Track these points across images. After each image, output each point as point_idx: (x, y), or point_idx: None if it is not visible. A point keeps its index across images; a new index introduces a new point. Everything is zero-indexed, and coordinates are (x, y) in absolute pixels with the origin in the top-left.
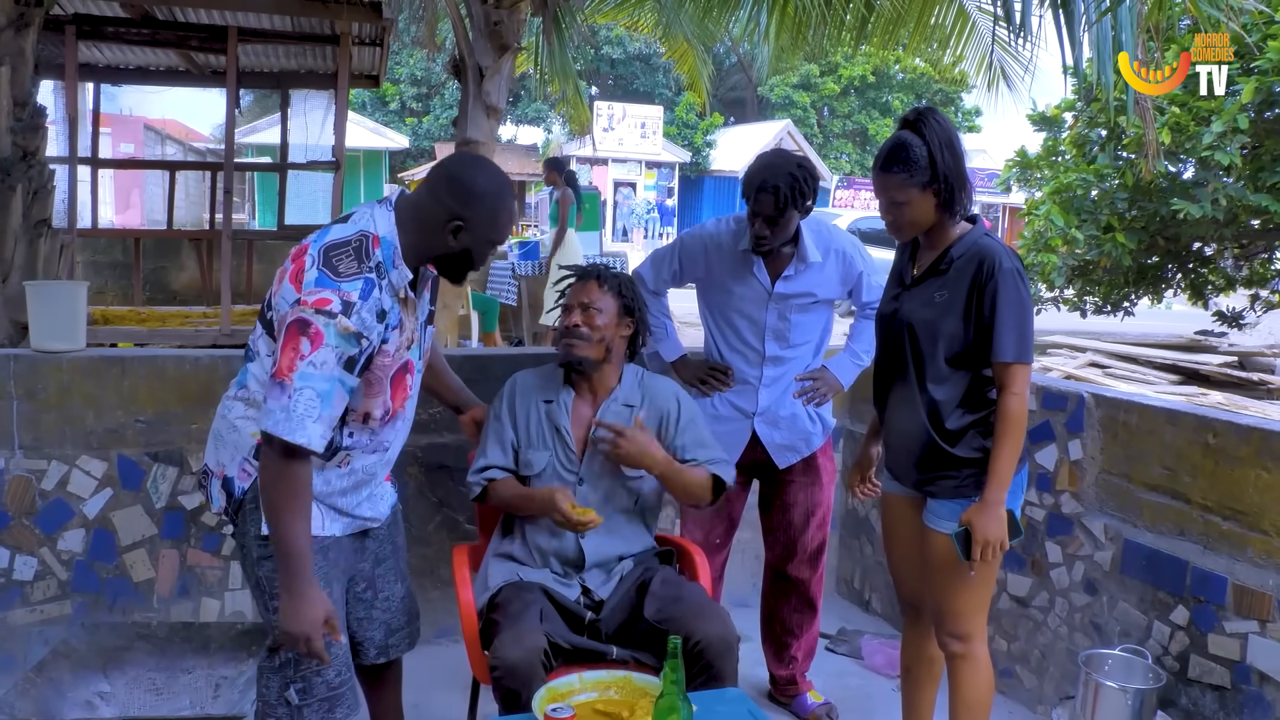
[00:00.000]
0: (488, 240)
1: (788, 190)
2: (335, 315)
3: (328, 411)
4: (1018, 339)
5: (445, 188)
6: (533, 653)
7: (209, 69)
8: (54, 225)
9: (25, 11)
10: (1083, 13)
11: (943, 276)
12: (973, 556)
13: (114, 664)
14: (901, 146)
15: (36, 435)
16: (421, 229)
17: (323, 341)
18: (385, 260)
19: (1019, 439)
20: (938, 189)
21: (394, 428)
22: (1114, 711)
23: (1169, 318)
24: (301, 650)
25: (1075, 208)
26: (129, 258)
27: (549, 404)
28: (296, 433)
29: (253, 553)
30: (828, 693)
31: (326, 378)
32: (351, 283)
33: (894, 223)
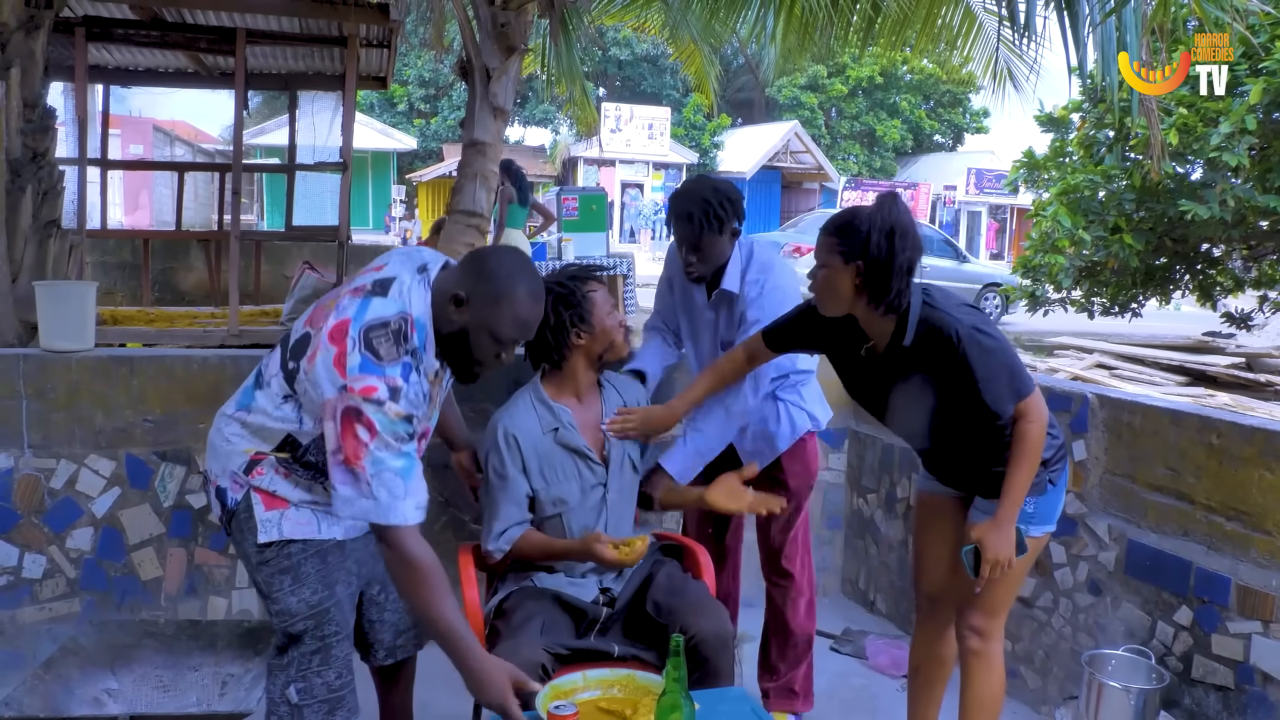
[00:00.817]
0: (487, 328)
1: (701, 216)
2: (384, 403)
3: (412, 484)
4: (1010, 382)
5: (469, 264)
6: (530, 667)
7: (217, 71)
8: (63, 226)
9: (35, 14)
10: (1087, 14)
11: (909, 359)
12: (981, 574)
13: (121, 661)
14: (849, 214)
15: (45, 434)
16: (438, 300)
17: (377, 431)
18: (420, 345)
19: (1035, 462)
20: (859, 268)
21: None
22: (1118, 711)
23: (1177, 319)
24: (503, 714)
25: (1083, 209)
26: (138, 258)
27: (555, 432)
28: (392, 516)
29: (251, 559)
30: (832, 693)
31: (397, 454)
32: (394, 367)
33: (813, 286)
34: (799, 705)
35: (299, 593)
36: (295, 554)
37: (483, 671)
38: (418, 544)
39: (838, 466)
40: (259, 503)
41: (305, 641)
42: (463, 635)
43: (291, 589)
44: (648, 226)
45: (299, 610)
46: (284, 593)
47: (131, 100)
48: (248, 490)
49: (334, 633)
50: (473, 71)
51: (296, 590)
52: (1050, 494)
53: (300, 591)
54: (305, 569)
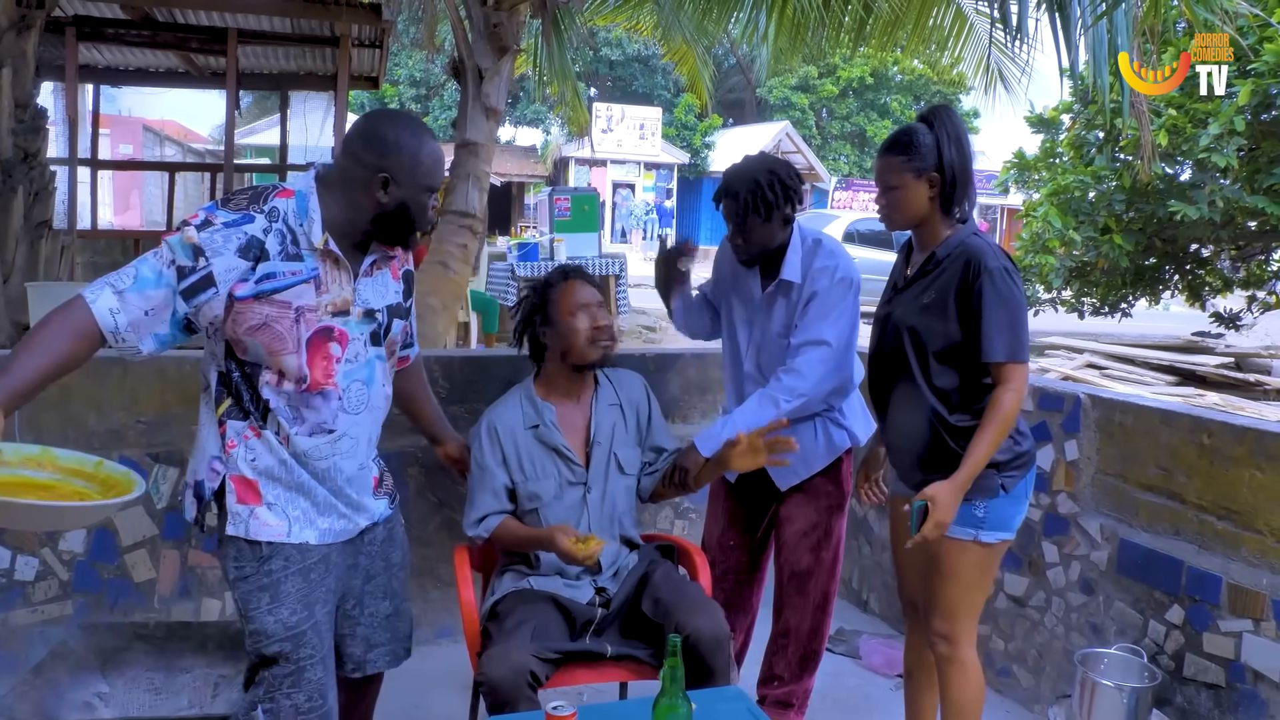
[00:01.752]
0: (421, 186)
1: (747, 196)
2: (186, 227)
3: (134, 295)
4: (1010, 338)
5: (361, 145)
6: (518, 673)
7: (209, 70)
8: (54, 226)
9: (27, 14)
10: (1079, 16)
11: (930, 276)
12: (923, 532)
13: (112, 665)
14: (907, 132)
15: (38, 436)
16: (348, 194)
17: (163, 244)
18: (298, 210)
19: (1003, 430)
20: (934, 179)
21: (328, 405)
22: (1110, 710)
23: (1167, 319)
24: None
25: (1073, 209)
26: (128, 259)
27: (535, 429)
28: (90, 288)
29: (229, 574)
30: (825, 692)
31: (155, 269)
32: (226, 212)
33: (885, 208)
34: (792, 716)
35: (276, 613)
36: (276, 571)
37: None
38: (71, 320)
39: None
40: (232, 491)
41: (278, 664)
42: (9, 374)
43: (269, 608)
44: (639, 227)
45: (275, 631)
46: (260, 612)
47: (121, 100)
48: (224, 478)
49: (308, 656)
50: (465, 72)
51: (274, 610)
52: (1002, 500)
53: (278, 611)
54: (285, 587)
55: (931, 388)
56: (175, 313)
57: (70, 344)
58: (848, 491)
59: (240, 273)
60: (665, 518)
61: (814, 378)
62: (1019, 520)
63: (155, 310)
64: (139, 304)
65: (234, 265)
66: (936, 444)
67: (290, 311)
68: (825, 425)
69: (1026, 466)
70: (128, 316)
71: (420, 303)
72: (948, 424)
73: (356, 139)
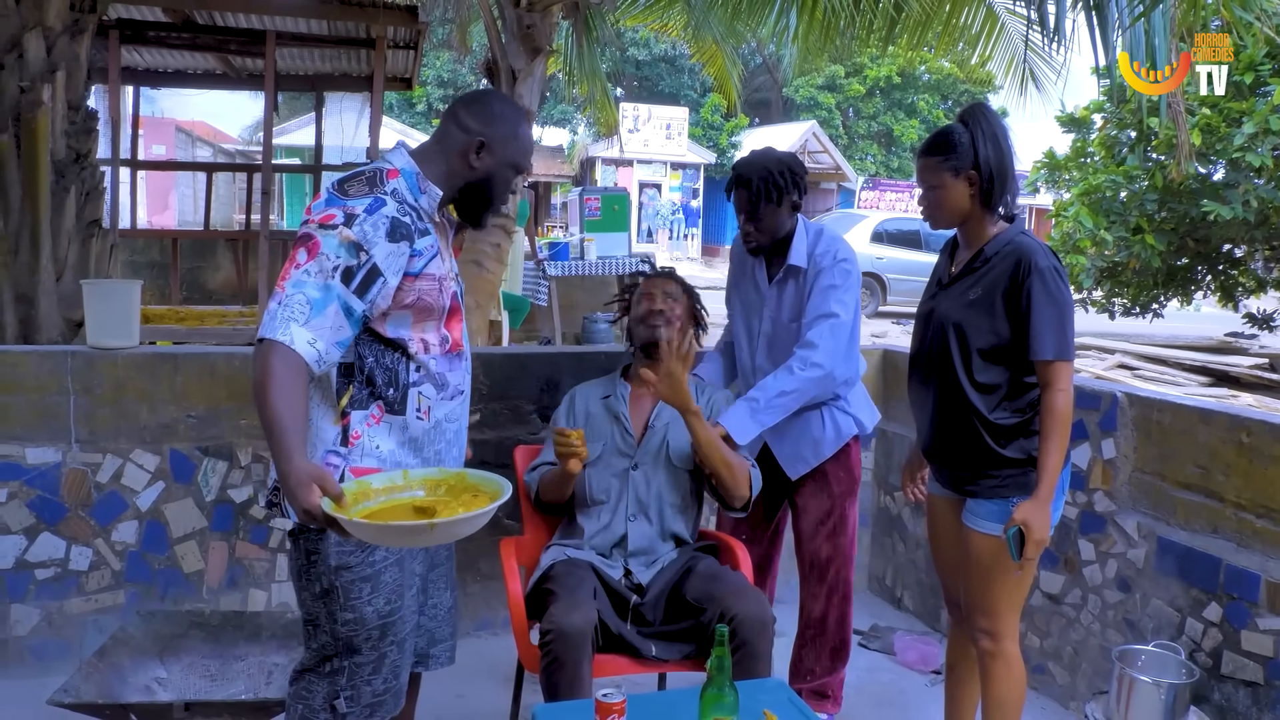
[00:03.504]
0: (510, 163)
1: (760, 183)
2: (336, 226)
3: (316, 319)
4: (1058, 336)
5: (465, 112)
6: (588, 622)
7: (245, 72)
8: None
9: (80, 18)
10: (1116, 18)
11: (977, 274)
12: (1027, 555)
13: (170, 651)
14: (944, 133)
15: (92, 429)
16: (445, 157)
17: (319, 250)
18: (411, 188)
19: (1065, 435)
20: (973, 177)
21: (459, 367)
22: (1148, 706)
23: (1199, 320)
24: (311, 520)
25: (1104, 209)
26: (166, 258)
27: (606, 398)
28: (278, 330)
29: (330, 560)
30: (861, 688)
31: (320, 286)
32: (358, 200)
33: (928, 208)
34: (829, 707)
35: (374, 602)
36: (379, 561)
37: (289, 470)
38: (286, 363)
39: (865, 465)
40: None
41: (363, 652)
42: (288, 434)
43: (369, 598)
44: (665, 226)
45: (371, 619)
46: (362, 601)
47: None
48: (344, 470)
49: (391, 642)
50: (498, 73)
51: (373, 600)
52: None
53: (375, 601)
54: (385, 577)
55: (974, 384)
56: (353, 313)
57: (305, 386)
58: (858, 477)
59: (398, 256)
60: None
61: (827, 347)
62: (1056, 517)
63: (337, 322)
64: (325, 324)
65: (390, 250)
66: (975, 441)
67: (437, 283)
68: (832, 413)
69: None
70: (324, 340)
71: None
72: (987, 421)
73: (462, 106)
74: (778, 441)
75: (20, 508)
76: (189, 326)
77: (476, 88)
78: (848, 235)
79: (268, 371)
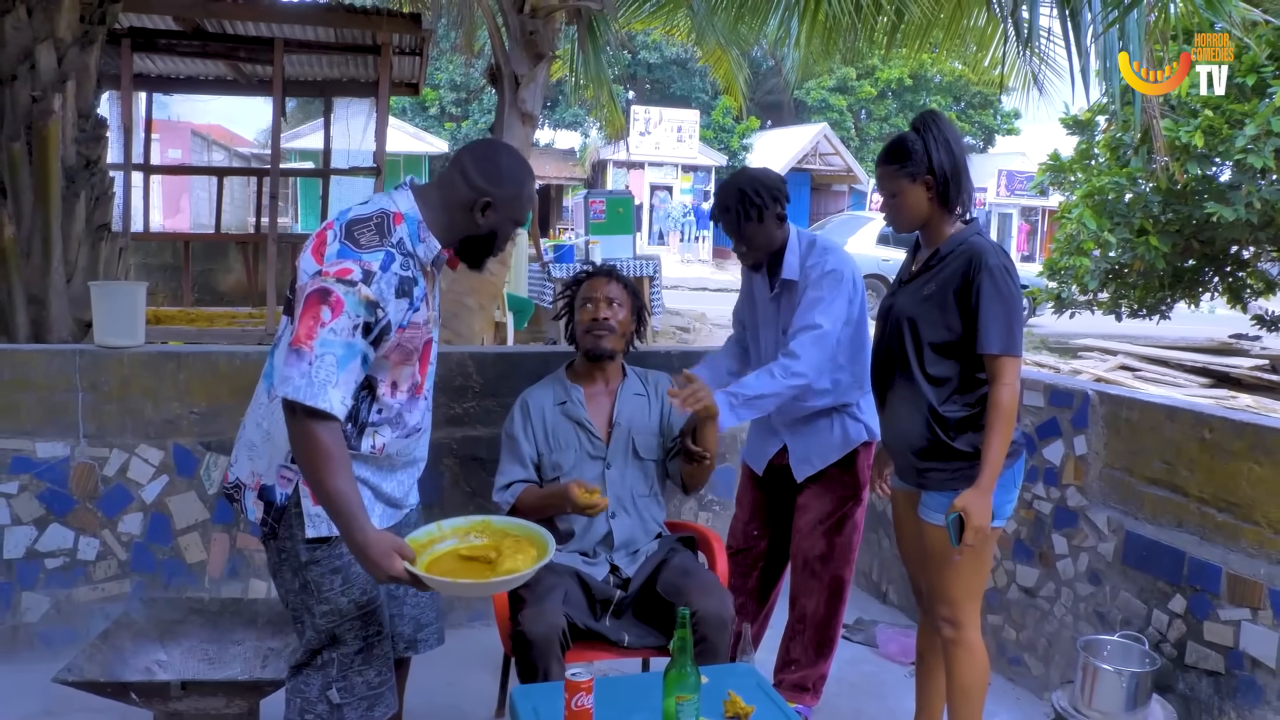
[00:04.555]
0: (512, 220)
1: (737, 206)
2: (356, 284)
3: (344, 377)
4: (1004, 332)
5: (474, 168)
6: (553, 629)
7: (255, 78)
8: (112, 229)
9: (90, 29)
10: (1089, 22)
11: (933, 271)
12: (965, 540)
13: (170, 635)
14: (898, 141)
15: (99, 425)
16: (448, 210)
17: (343, 309)
18: (410, 235)
19: (1009, 427)
20: (930, 182)
21: (418, 407)
22: (1110, 694)
23: (1210, 322)
24: (395, 582)
25: (1108, 211)
26: (178, 260)
27: (562, 405)
28: (319, 398)
29: (299, 556)
30: (842, 678)
31: (345, 345)
32: (373, 254)
33: (890, 213)
34: (808, 699)
35: (349, 592)
36: (346, 554)
37: (366, 543)
38: (329, 432)
39: None
40: (307, 496)
41: (347, 642)
42: (353, 508)
43: (342, 589)
44: (676, 229)
45: (348, 610)
46: (335, 593)
47: (170, 106)
48: (296, 484)
49: (376, 632)
50: (502, 78)
51: (347, 590)
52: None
53: (350, 591)
54: (354, 569)
55: (926, 376)
56: (367, 361)
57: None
58: (864, 483)
59: (401, 311)
60: (690, 510)
61: (808, 358)
62: (1009, 508)
63: (357, 375)
64: (350, 379)
65: (399, 307)
66: (929, 435)
67: (421, 329)
68: (842, 419)
69: (1014, 457)
70: (349, 394)
71: (458, 302)
72: (937, 413)
73: (471, 161)
74: (791, 443)
75: (31, 500)
76: (199, 327)
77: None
78: (854, 238)
79: (320, 450)
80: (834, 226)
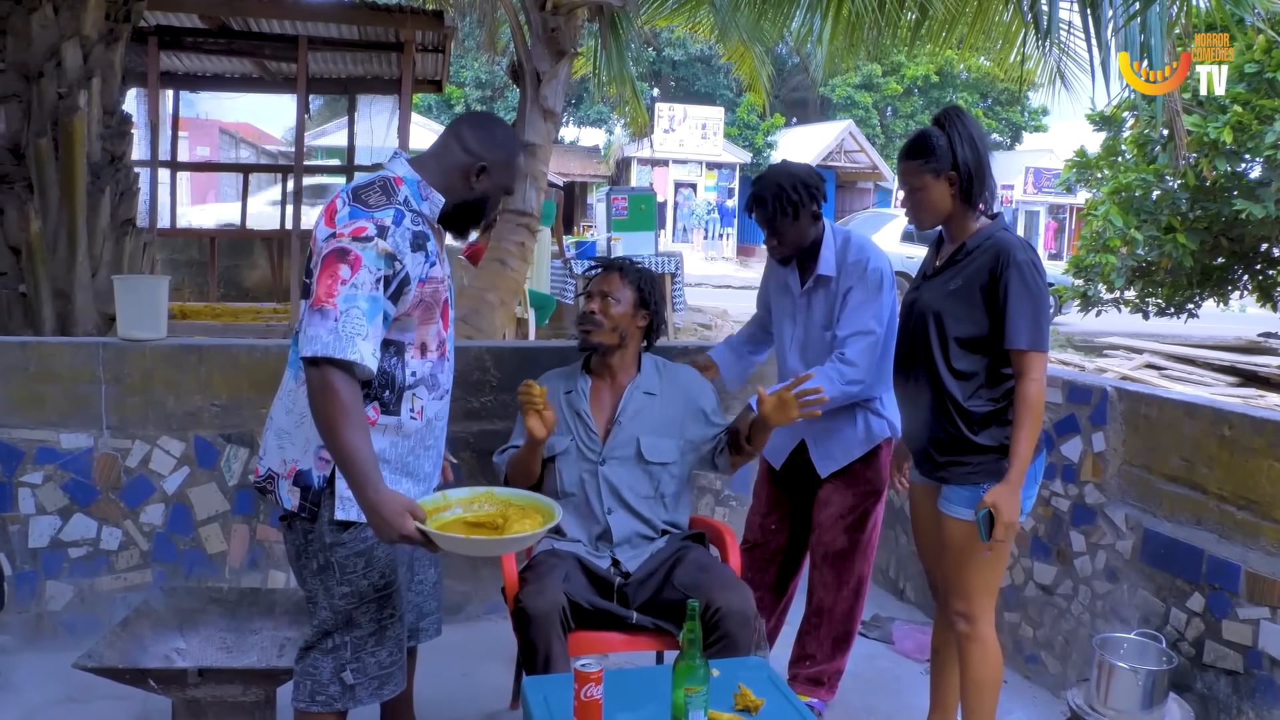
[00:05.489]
0: (503, 186)
1: (774, 200)
2: (372, 239)
3: (373, 330)
4: (1032, 327)
5: (470, 135)
6: (554, 605)
7: (280, 76)
8: (137, 225)
9: (115, 26)
10: (1110, 17)
11: (959, 266)
12: (995, 537)
13: (189, 624)
14: (921, 136)
15: (122, 417)
16: (444, 174)
17: (361, 264)
18: (414, 195)
19: (1037, 423)
20: (953, 178)
21: (446, 365)
22: (1126, 692)
23: (1239, 320)
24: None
25: (1135, 208)
26: (204, 256)
27: (569, 393)
28: (348, 350)
29: (324, 538)
30: (858, 674)
31: (369, 298)
32: (383, 211)
33: (912, 209)
34: (822, 694)
35: (369, 575)
36: (370, 537)
37: (380, 500)
38: (350, 386)
39: None
40: (342, 478)
41: (361, 625)
42: (367, 466)
43: (364, 571)
44: (700, 226)
45: (367, 592)
46: (356, 575)
47: (199, 104)
48: (334, 466)
49: (390, 615)
50: (524, 75)
51: (368, 573)
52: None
53: (370, 574)
54: (378, 552)
55: (951, 371)
56: (388, 318)
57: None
58: (885, 479)
59: (419, 264)
60: (706, 505)
61: (865, 364)
62: (1029, 504)
63: (381, 330)
64: (377, 333)
65: (416, 260)
66: (950, 427)
67: (441, 285)
68: (865, 415)
69: (1035, 453)
70: (378, 349)
71: (479, 298)
72: (962, 408)
73: (467, 127)
74: (813, 439)
75: (55, 490)
76: (224, 322)
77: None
78: (877, 235)
79: (339, 403)
80: (858, 224)
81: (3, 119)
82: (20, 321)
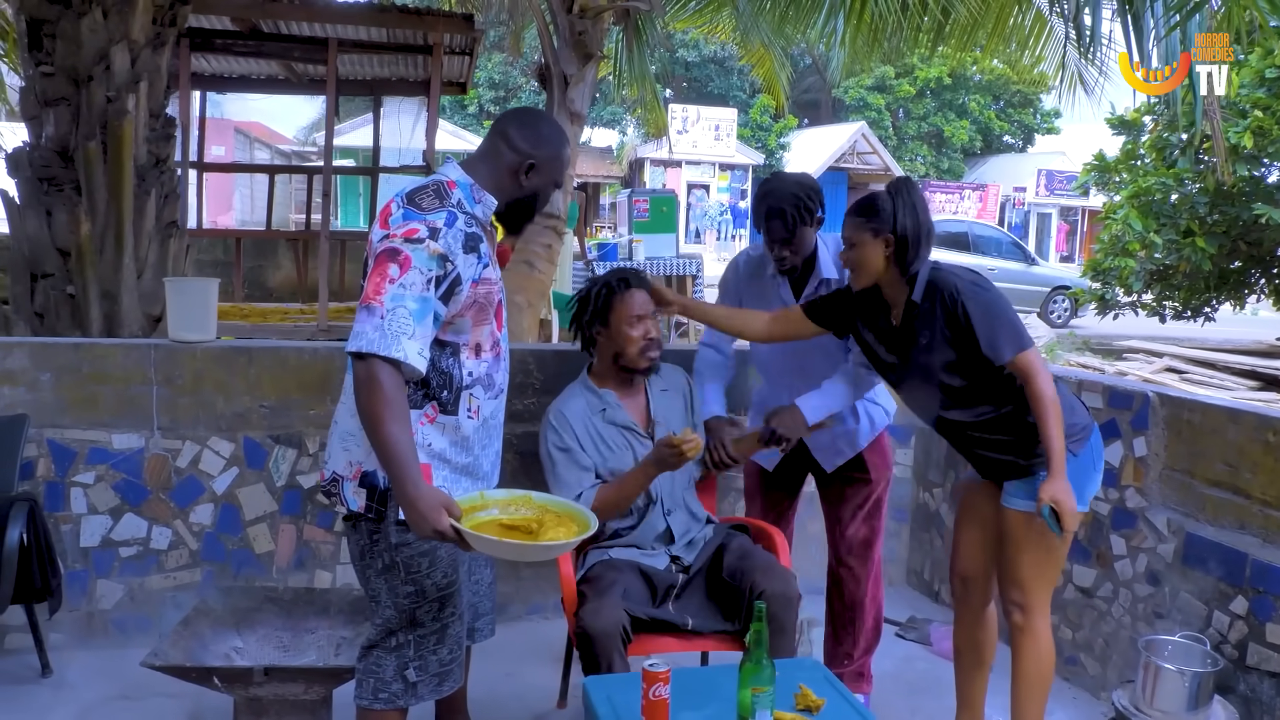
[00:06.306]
0: (553, 181)
1: (793, 211)
2: (423, 240)
3: (421, 330)
4: (1009, 334)
5: (517, 134)
6: (614, 625)
7: (307, 77)
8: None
9: (161, 31)
10: (1152, 27)
11: (919, 319)
12: (1066, 527)
13: (246, 623)
14: (869, 197)
15: (173, 418)
16: (495, 176)
17: (411, 265)
18: (466, 198)
19: (1057, 412)
20: (889, 240)
21: (501, 367)
22: (1172, 693)
23: (1254, 324)
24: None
25: (1154, 212)
26: (229, 257)
27: (603, 412)
28: (393, 348)
29: (391, 538)
30: (897, 675)
31: (418, 298)
32: (436, 214)
33: (847, 263)
34: (864, 686)
35: (433, 575)
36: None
37: (418, 495)
38: (395, 380)
39: (904, 461)
40: None
41: (425, 624)
42: (407, 459)
43: (428, 570)
44: (713, 227)
45: (430, 591)
46: (421, 574)
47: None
48: None
49: (452, 613)
50: (551, 78)
51: (431, 573)
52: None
53: (434, 574)
54: (441, 551)
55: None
56: (439, 319)
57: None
58: (891, 464)
59: (471, 266)
60: (729, 504)
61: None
62: (1091, 490)
63: (431, 330)
64: (426, 334)
65: (468, 262)
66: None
67: (494, 286)
68: (865, 406)
69: (1085, 435)
70: (427, 349)
71: (507, 301)
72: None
73: (514, 126)
74: (813, 438)
75: (106, 490)
76: (252, 323)
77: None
78: None
79: (382, 394)
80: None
81: (52, 122)
82: (68, 322)
